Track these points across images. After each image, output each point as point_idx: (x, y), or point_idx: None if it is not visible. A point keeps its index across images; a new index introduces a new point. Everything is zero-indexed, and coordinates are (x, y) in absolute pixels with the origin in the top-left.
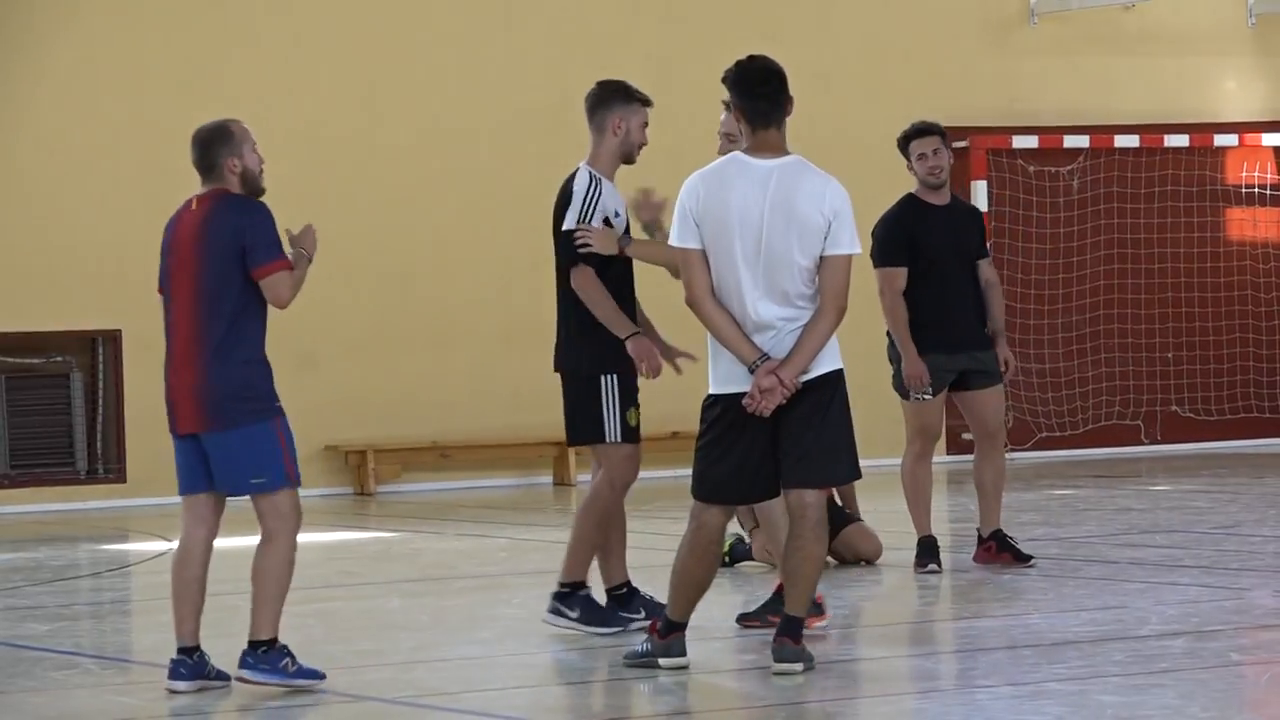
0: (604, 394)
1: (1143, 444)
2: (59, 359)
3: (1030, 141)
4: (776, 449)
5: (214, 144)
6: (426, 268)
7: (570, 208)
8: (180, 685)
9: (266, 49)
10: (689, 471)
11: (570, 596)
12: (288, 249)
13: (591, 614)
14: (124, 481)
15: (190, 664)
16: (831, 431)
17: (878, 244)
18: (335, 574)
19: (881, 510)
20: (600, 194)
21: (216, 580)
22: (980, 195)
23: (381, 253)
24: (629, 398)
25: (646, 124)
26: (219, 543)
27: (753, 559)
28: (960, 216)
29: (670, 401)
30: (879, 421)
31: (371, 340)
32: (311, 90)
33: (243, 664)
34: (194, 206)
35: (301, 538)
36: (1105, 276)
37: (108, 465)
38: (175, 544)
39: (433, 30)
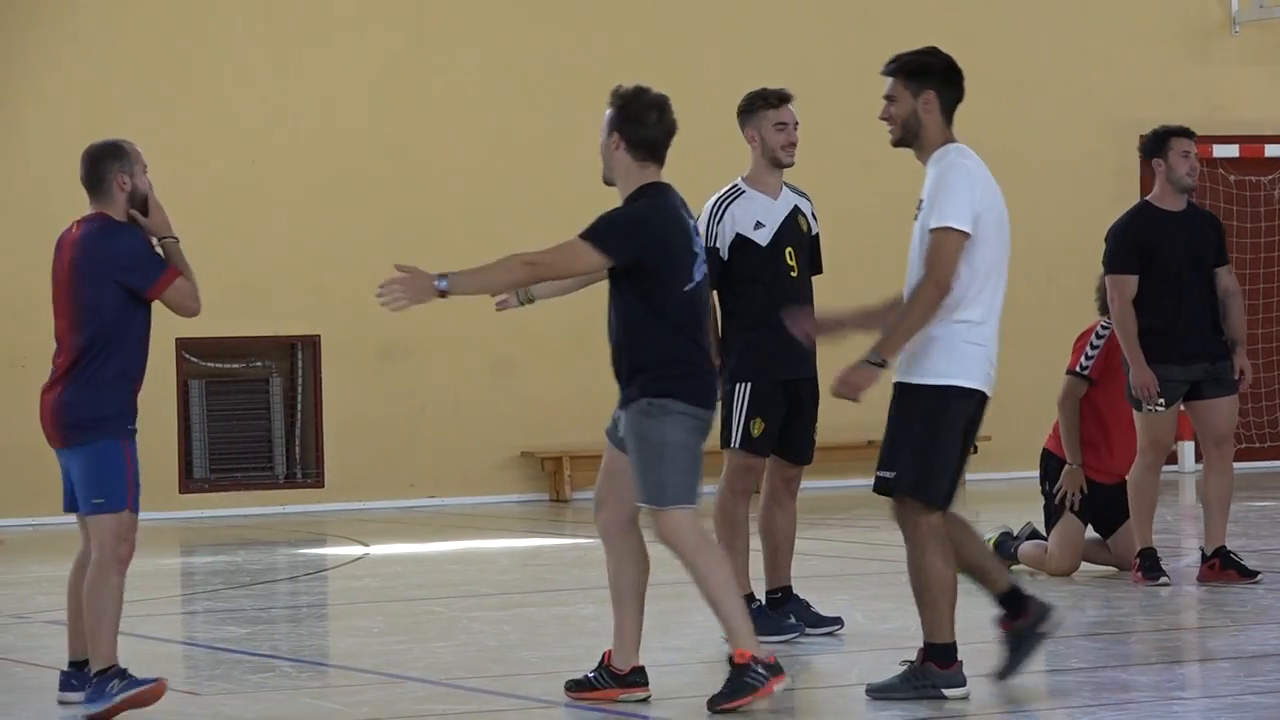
0: (735, 400)
1: None
2: (259, 364)
3: (1231, 150)
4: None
5: (105, 159)
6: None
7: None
8: (72, 696)
9: (461, 58)
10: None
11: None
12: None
13: (760, 624)
14: (322, 486)
15: (80, 676)
16: None
17: (1108, 251)
18: (530, 580)
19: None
20: (724, 210)
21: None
22: None
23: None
24: (757, 408)
25: (780, 124)
26: (424, 549)
27: (1018, 561)
28: (1197, 223)
29: (862, 410)
30: None
31: (567, 346)
32: (509, 90)
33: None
34: (74, 231)
35: (498, 543)
36: None
37: (306, 470)
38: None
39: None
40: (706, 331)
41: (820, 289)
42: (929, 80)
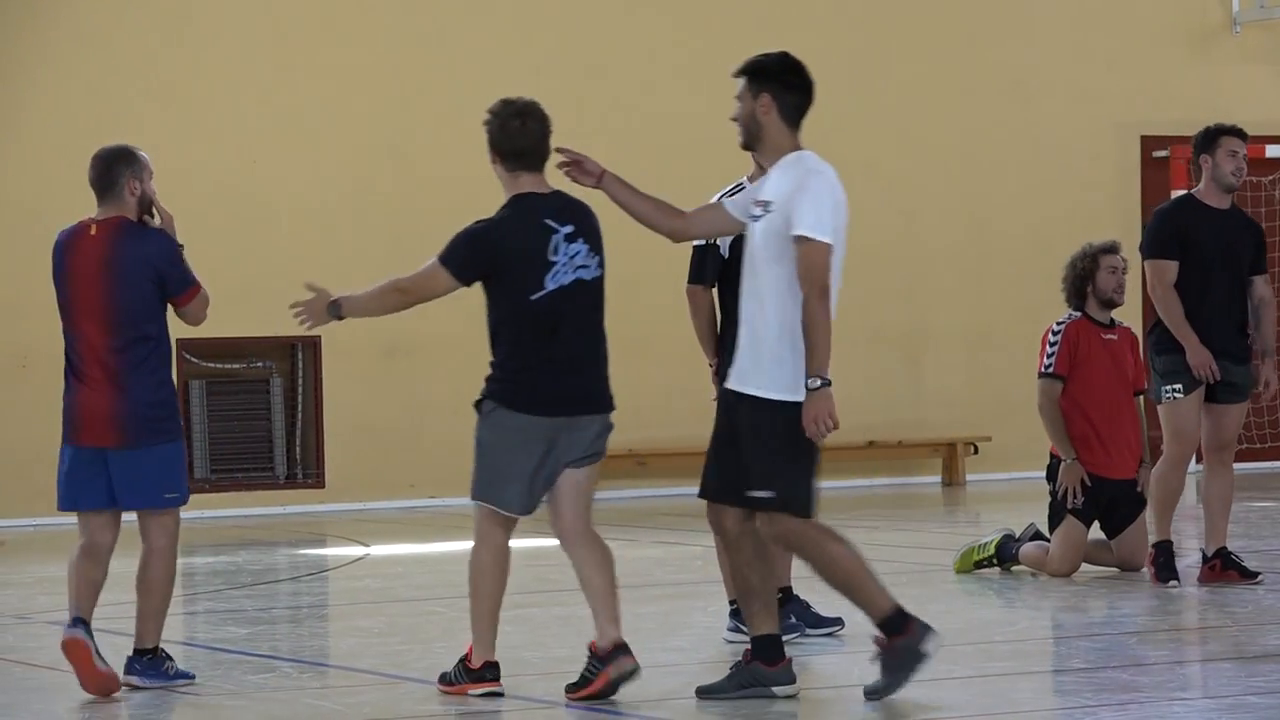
0: None
1: None
2: (259, 365)
3: None
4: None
5: (116, 163)
6: (621, 277)
7: None
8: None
9: (468, 49)
10: (887, 481)
11: (739, 612)
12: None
13: None
14: (322, 486)
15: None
16: None
17: (1148, 236)
18: (532, 580)
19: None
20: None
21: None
22: None
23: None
24: None
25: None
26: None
27: (1019, 562)
28: (1237, 225)
29: (863, 412)
30: None
31: None
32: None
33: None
34: (93, 232)
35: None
36: None
37: (306, 470)
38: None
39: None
40: (567, 338)
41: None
42: (765, 83)
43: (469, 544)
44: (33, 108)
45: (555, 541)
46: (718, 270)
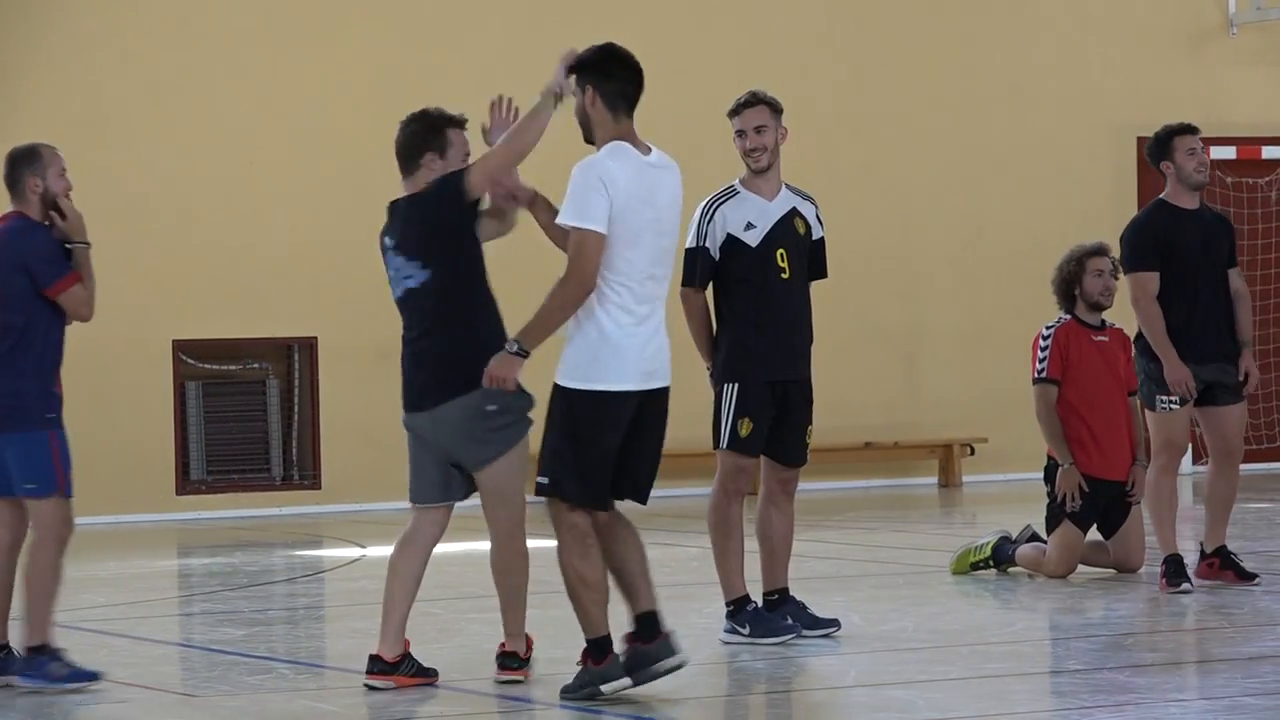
0: (723, 401)
1: None
2: (255, 366)
3: (1228, 152)
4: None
5: (18, 163)
6: None
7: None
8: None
9: (474, 47)
10: (884, 482)
11: (737, 613)
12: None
13: (758, 625)
14: (319, 488)
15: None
16: None
17: (1127, 248)
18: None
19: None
20: (715, 210)
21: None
22: None
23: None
24: (744, 408)
25: (739, 132)
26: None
27: (1015, 563)
28: (1210, 223)
29: (860, 413)
30: None
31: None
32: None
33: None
34: None
35: (483, 544)
36: None
37: (303, 471)
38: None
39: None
40: (427, 333)
41: (818, 291)
42: (586, 75)
43: (464, 545)
44: (20, 109)
45: (549, 542)
46: (710, 271)
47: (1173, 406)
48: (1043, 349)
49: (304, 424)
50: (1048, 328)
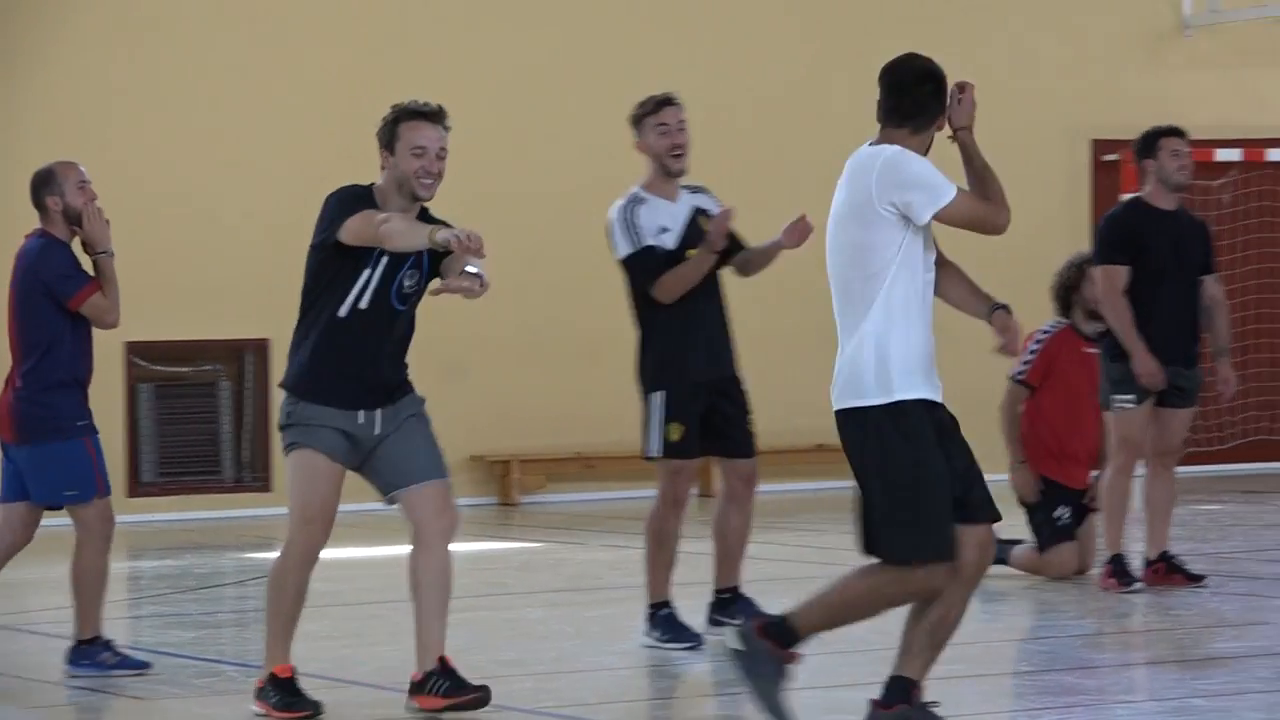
0: (652, 409)
1: None
2: (207, 368)
3: None
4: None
5: (38, 187)
6: (574, 280)
7: (615, 238)
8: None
9: (426, 51)
10: (834, 484)
11: (653, 616)
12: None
13: (668, 631)
14: (270, 490)
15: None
16: None
17: (1099, 241)
18: (479, 584)
19: None
20: (635, 215)
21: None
22: None
23: (531, 266)
24: (673, 413)
25: (662, 126)
26: (370, 553)
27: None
28: (1186, 226)
29: (811, 414)
30: None
31: (517, 351)
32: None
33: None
34: (22, 245)
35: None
36: (1256, 291)
37: (254, 474)
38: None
39: (588, 47)
40: None
41: (777, 295)
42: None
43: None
44: (189, 116)
45: (502, 544)
46: (662, 268)
47: (1128, 405)
48: (1031, 351)
49: (256, 426)
50: (1043, 331)
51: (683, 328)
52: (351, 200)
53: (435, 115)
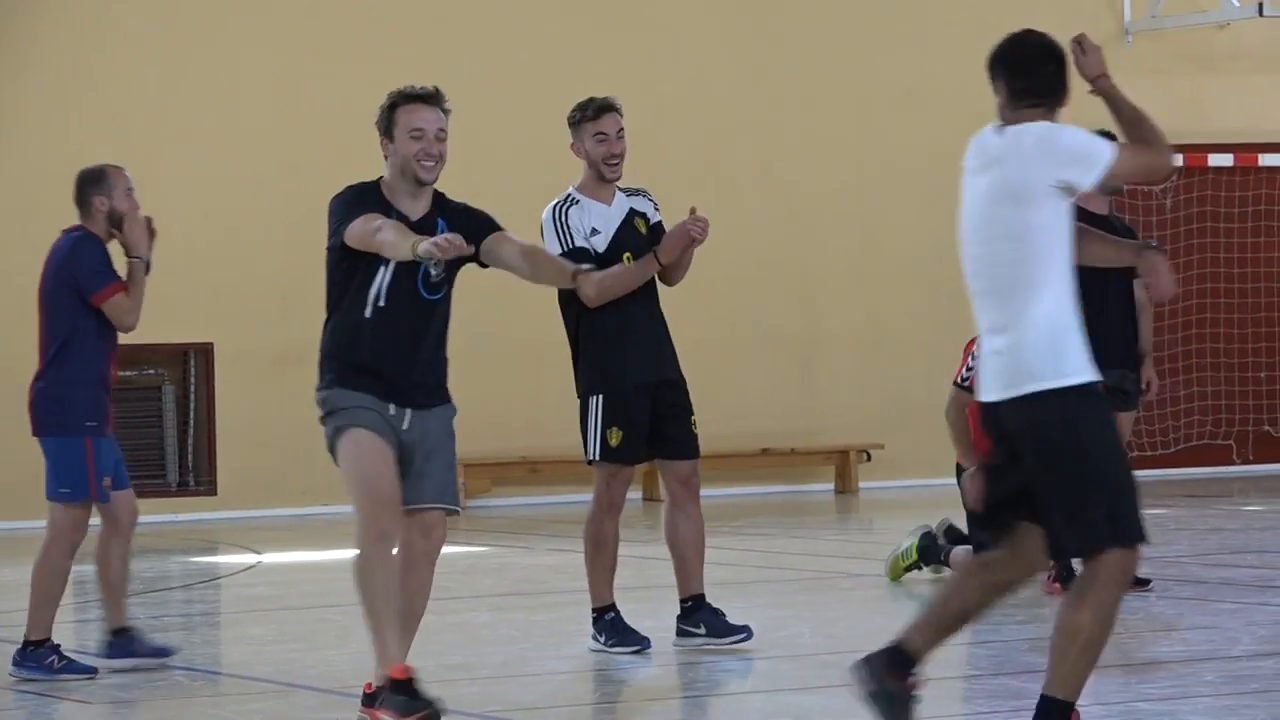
0: (590, 414)
1: (1234, 464)
2: (151, 372)
3: None
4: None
5: (86, 185)
6: (517, 284)
7: (547, 238)
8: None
9: (389, 58)
10: (781, 489)
11: (598, 620)
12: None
13: (613, 634)
14: (214, 494)
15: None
16: None
17: None
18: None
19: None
20: (567, 216)
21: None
22: None
23: (473, 270)
24: (612, 418)
25: (600, 135)
26: (317, 556)
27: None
28: (1117, 230)
29: (757, 420)
30: None
31: (463, 354)
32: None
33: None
34: (57, 240)
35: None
36: (1198, 296)
37: (199, 478)
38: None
39: (519, 44)
40: None
41: (710, 293)
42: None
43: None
44: (126, 123)
45: (447, 549)
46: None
47: None
48: (974, 356)
49: (200, 430)
50: None
51: (618, 331)
52: (356, 200)
53: (432, 97)
